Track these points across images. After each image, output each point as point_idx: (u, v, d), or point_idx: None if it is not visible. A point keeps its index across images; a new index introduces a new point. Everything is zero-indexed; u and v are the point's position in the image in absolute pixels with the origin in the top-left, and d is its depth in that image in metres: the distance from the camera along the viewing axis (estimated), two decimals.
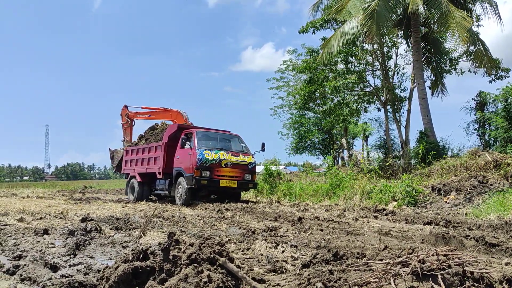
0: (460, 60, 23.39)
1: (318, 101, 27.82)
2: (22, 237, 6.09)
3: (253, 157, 14.69)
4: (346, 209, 11.00)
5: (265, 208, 11.61)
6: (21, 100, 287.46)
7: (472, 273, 3.02)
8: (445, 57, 22.86)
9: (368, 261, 3.70)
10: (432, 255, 3.12)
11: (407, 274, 3.01)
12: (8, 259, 4.60)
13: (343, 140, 33.48)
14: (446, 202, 10.92)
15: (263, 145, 15.25)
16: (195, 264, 2.66)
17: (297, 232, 6.79)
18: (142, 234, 6.12)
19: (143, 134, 17.93)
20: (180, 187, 13.89)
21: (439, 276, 2.91)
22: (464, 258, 3.12)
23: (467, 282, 2.94)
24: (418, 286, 2.90)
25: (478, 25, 22.62)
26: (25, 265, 4.18)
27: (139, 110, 22.99)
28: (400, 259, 3.23)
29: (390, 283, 3.04)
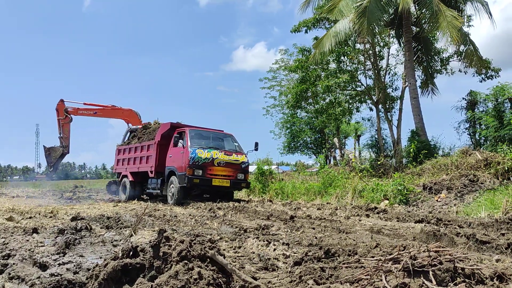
0: (450, 60, 23.52)
1: (310, 100, 27.86)
2: (11, 236, 6.02)
3: (246, 156, 14.66)
4: (338, 207, 11.02)
5: (257, 207, 11.60)
6: (11, 100, 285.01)
7: (463, 269, 3.03)
8: (436, 57, 22.97)
9: (360, 258, 3.70)
10: (424, 251, 3.12)
11: (399, 271, 3.00)
12: None
13: (335, 140, 33.54)
14: (437, 200, 10.97)
15: (256, 144, 15.21)
16: (186, 261, 2.63)
17: (289, 231, 6.79)
18: (133, 233, 6.08)
19: (135, 133, 17.81)
20: (172, 186, 13.81)
21: (431, 272, 2.91)
22: (455, 255, 3.12)
23: (458, 278, 2.94)
24: (409, 283, 2.89)
25: (469, 26, 22.79)
26: (13, 264, 4.13)
27: (81, 106, 22.01)
28: (392, 255, 3.23)
29: (381, 280, 3.03)
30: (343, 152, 32.72)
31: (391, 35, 23.81)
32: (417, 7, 19.94)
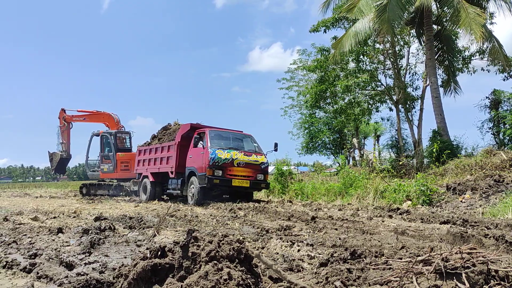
0: (473, 58, 23.09)
1: (329, 100, 27.70)
2: (37, 235, 6.11)
3: (265, 157, 14.62)
4: (360, 208, 10.90)
5: (277, 207, 11.54)
6: (32, 101, 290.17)
7: (496, 271, 2.95)
8: (457, 55, 22.59)
9: (388, 260, 3.63)
10: (456, 253, 3.04)
11: (430, 273, 2.94)
12: (23, 258, 4.61)
13: (354, 140, 33.26)
14: (461, 201, 10.76)
15: (276, 145, 15.14)
16: (215, 261, 2.62)
17: (312, 231, 6.73)
18: (156, 233, 6.10)
19: (155, 134, 18.01)
20: (193, 187, 13.86)
21: (463, 275, 2.84)
22: (488, 257, 3.04)
23: (492, 281, 2.87)
24: (441, 285, 2.83)
25: (491, 23, 22.34)
26: (41, 263, 4.18)
27: (75, 113, 24.21)
28: (422, 257, 3.16)
29: (412, 282, 2.97)
30: (362, 153, 32.41)
31: (411, 34, 23.52)
32: (438, 5, 19.68)
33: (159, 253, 2.88)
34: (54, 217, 8.82)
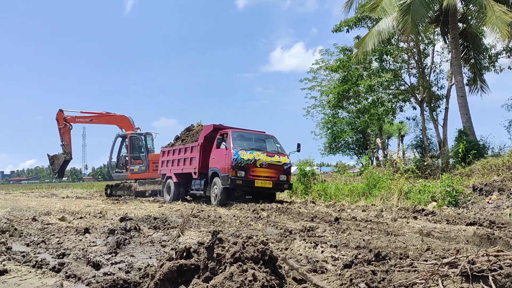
0: (499, 56, 22.58)
1: (352, 100, 27.48)
2: (65, 235, 6.26)
3: (288, 157, 14.60)
4: (384, 209, 10.79)
5: (300, 208, 11.53)
6: (60, 103, 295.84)
7: None
8: (484, 53, 22.13)
9: (413, 262, 3.60)
10: (482, 255, 3.01)
11: (456, 275, 2.91)
12: (52, 257, 4.73)
13: (378, 140, 32.91)
14: (488, 202, 10.55)
15: (299, 145, 15.11)
16: (240, 263, 2.65)
17: (335, 232, 6.70)
18: (180, 233, 6.18)
19: (179, 135, 18.19)
20: (216, 187, 13.95)
21: (490, 278, 2.81)
22: None
23: None
24: None
25: None
26: (69, 263, 4.28)
27: (78, 114, 23.50)
28: (448, 259, 3.13)
29: (437, 284, 2.95)
30: (386, 153, 32.03)
31: (436, 32, 23.17)
32: (463, 3, 19.36)
33: (185, 254, 2.93)
34: (81, 217, 9.01)
